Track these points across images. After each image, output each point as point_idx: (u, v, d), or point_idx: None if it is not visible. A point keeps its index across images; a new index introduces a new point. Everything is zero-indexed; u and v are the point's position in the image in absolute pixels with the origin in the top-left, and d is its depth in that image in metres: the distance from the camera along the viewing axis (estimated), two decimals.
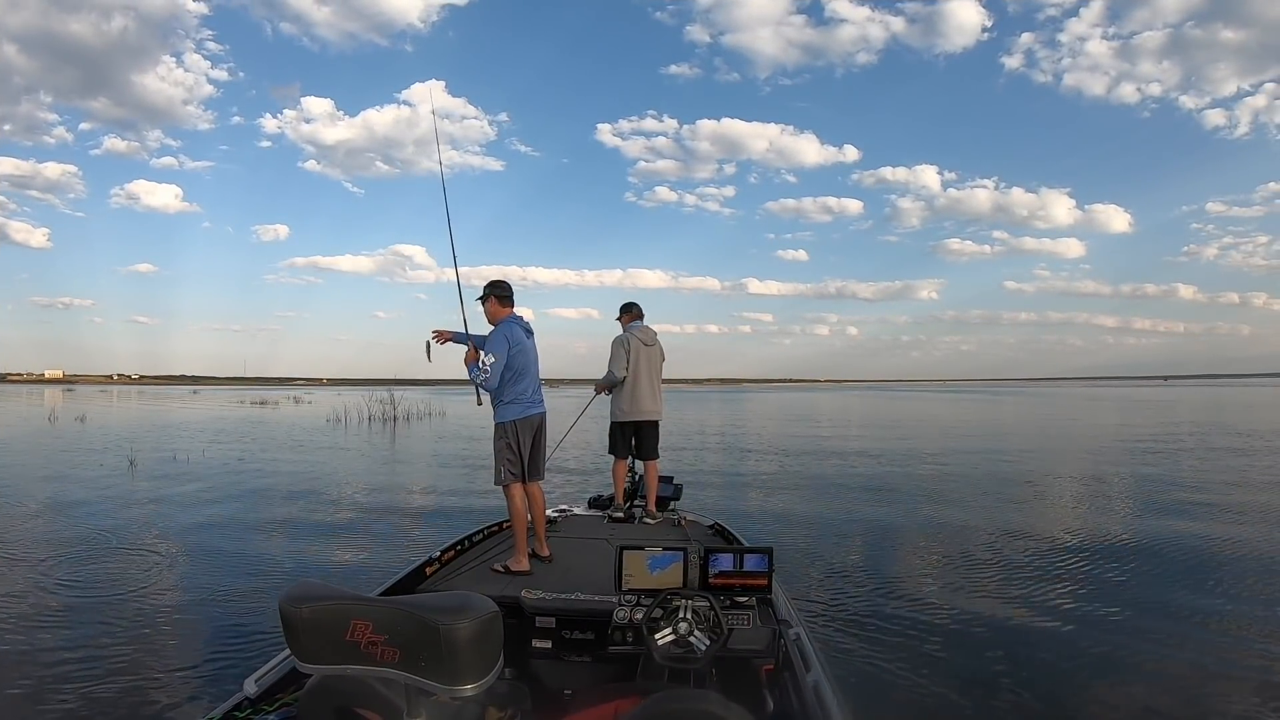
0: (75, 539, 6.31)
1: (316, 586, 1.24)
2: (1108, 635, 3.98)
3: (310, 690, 1.40)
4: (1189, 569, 5.27)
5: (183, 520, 7.20)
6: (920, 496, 8.74)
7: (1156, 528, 6.69)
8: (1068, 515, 7.51)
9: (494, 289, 3.69)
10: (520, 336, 3.62)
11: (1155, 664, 3.62)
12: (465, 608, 1.15)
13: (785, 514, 7.65)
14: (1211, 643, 3.87)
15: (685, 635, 2.15)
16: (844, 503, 8.36)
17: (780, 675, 2.34)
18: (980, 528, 6.83)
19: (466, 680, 1.13)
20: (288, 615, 1.19)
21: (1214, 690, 3.31)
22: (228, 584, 4.95)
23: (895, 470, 11.33)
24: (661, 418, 4.87)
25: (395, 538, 6.64)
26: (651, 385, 4.80)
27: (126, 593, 4.75)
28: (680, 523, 4.43)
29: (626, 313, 4.93)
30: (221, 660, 3.57)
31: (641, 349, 4.76)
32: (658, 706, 1.34)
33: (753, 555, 2.39)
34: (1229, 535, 6.35)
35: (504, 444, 3.59)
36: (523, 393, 3.62)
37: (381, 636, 1.15)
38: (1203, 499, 8.25)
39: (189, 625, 4.15)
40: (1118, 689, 3.35)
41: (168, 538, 6.42)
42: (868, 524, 7.10)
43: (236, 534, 6.64)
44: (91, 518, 7.29)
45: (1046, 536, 6.42)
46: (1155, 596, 4.64)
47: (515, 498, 3.55)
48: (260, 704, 1.87)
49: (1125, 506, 7.96)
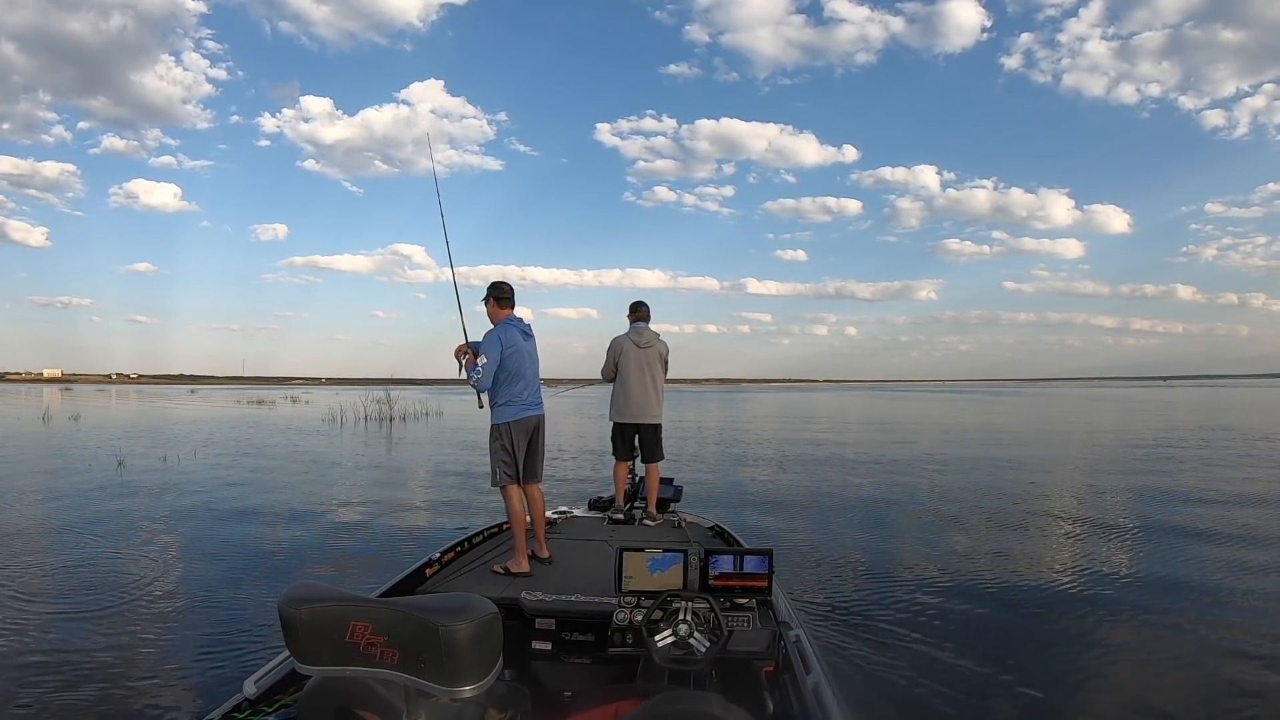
0: (62, 543, 6.29)
1: (316, 588, 1.24)
2: (1108, 637, 3.98)
3: (310, 691, 1.39)
4: (1190, 573, 5.26)
5: (174, 522, 7.19)
6: (920, 498, 8.74)
7: (1158, 532, 6.69)
8: (1068, 516, 7.50)
9: (493, 290, 3.71)
10: (515, 338, 3.62)
11: (1155, 666, 3.62)
12: (465, 609, 1.15)
13: (786, 515, 7.65)
14: (1213, 646, 3.86)
15: (685, 637, 2.15)
16: (844, 504, 8.34)
17: (780, 677, 2.34)
18: (981, 529, 6.84)
19: (466, 681, 1.13)
20: (287, 616, 1.18)
21: (1213, 691, 3.31)
22: (226, 584, 4.94)
23: (895, 471, 11.33)
24: (658, 419, 4.77)
25: (393, 539, 6.63)
26: (643, 387, 4.71)
27: (125, 593, 4.74)
28: (680, 524, 4.43)
29: (633, 312, 4.89)
30: (220, 661, 3.56)
31: (632, 350, 4.71)
32: (658, 708, 1.33)
33: (753, 557, 2.38)
34: (1232, 538, 6.35)
35: (499, 445, 3.60)
36: (518, 394, 3.62)
37: (381, 638, 1.14)
38: (1206, 502, 8.24)
39: (188, 625, 4.14)
40: (1117, 690, 3.35)
41: (158, 539, 6.41)
42: (868, 525, 7.10)
43: (231, 535, 6.63)
44: (79, 518, 7.28)
45: (1047, 537, 6.42)
46: (1155, 599, 4.64)
47: (513, 499, 3.55)
48: (260, 705, 1.86)
49: (1126, 508, 7.95)
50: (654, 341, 4.79)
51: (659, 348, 4.80)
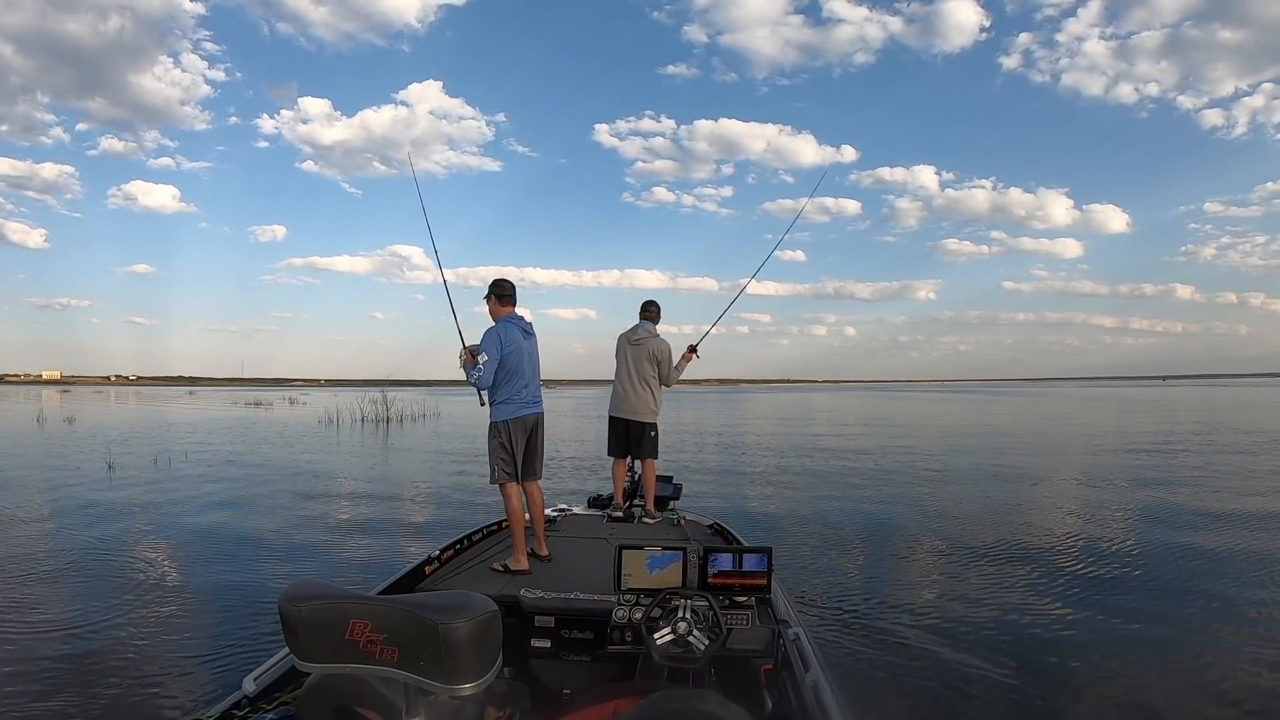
0: (55, 545, 6.30)
1: (316, 585, 1.24)
2: (1107, 636, 3.99)
3: (309, 689, 1.39)
4: (1188, 572, 5.27)
5: (165, 523, 7.19)
6: (920, 498, 8.75)
7: (1156, 532, 6.70)
8: (1066, 516, 7.51)
9: (495, 288, 3.71)
10: (514, 336, 3.62)
11: (1154, 665, 3.62)
12: (464, 607, 1.14)
13: (785, 514, 7.65)
14: (1211, 645, 3.87)
15: (684, 635, 2.15)
16: (844, 503, 8.35)
17: (779, 675, 2.34)
18: (980, 529, 6.84)
19: (466, 679, 1.13)
20: (287, 614, 1.18)
21: (1212, 691, 3.31)
22: (225, 585, 4.94)
23: (895, 471, 11.33)
24: (645, 418, 4.66)
25: (390, 540, 6.63)
26: (631, 385, 4.66)
27: (124, 593, 4.74)
28: (680, 522, 4.43)
29: (642, 312, 4.86)
30: (220, 659, 3.56)
31: (626, 348, 4.71)
32: (657, 706, 1.33)
33: (752, 555, 2.38)
34: (1232, 540, 6.35)
35: (497, 443, 3.61)
36: (517, 392, 3.62)
37: (381, 635, 1.14)
38: (1206, 502, 8.25)
39: (188, 626, 4.14)
40: (1115, 689, 3.35)
41: (152, 539, 6.41)
42: (867, 525, 7.10)
43: (226, 536, 6.63)
44: (72, 519, 7.29)
45: (1046, 537, 6.42)
46: (1153, 599, 4.65)
47: (512, 497, 3.55)
48: (259, 703, 1.86)
49: (1125, 509, 7.96)
50: (645, 339, 4.70)
51: (650, 345, 4.69)
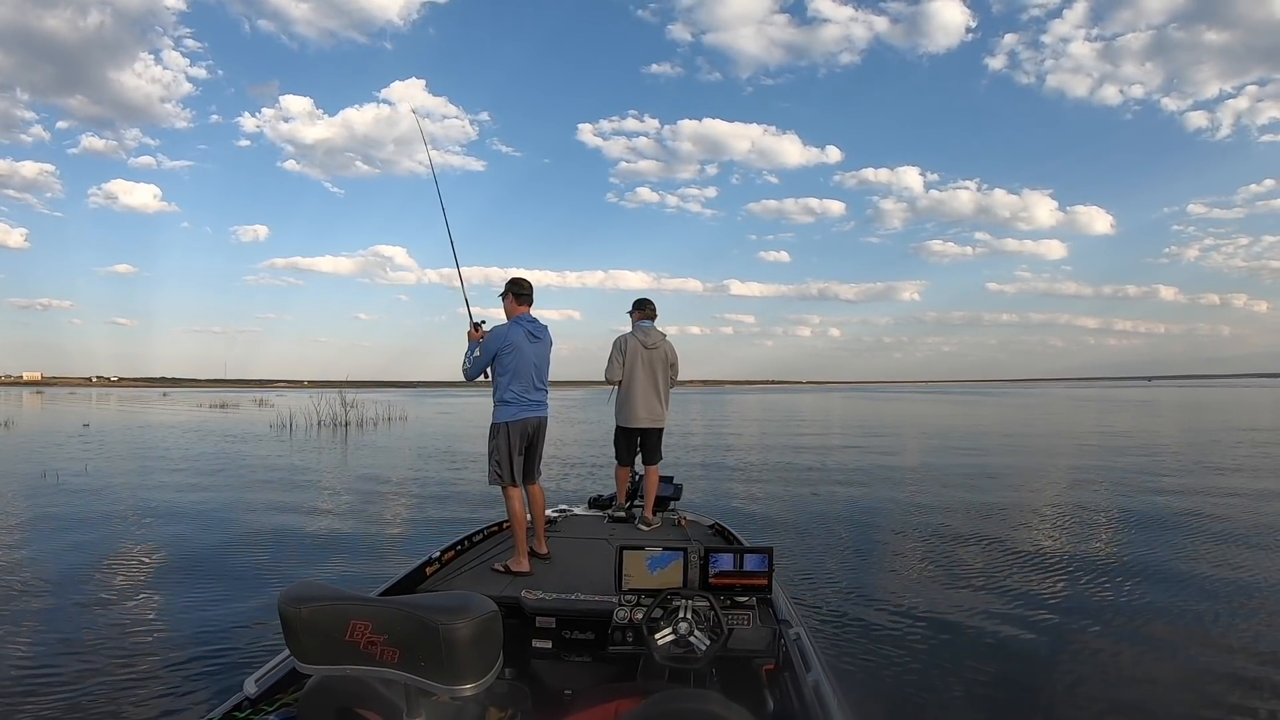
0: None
1: (316, 586, 1.24)
2: (1106, 636, 3.98)
3: (310, 690, 1.39)
4: (1179, 573, 5.26)
5: (153, 526, 7.18)
6: (919, 498, 8.74)
7: (1147, 532, 6.69)
8: (1065, 515, 7.50)
9: (512, 286, 3.73)
10: (517, 337, 3.61)
11: (1151, 665, 3.62)
12: (465, 608, 1.14)
13: (785, 514, 7.65)
14: (1205, 643, 3.86)
15: (685, 635, 2.14)
16: (843, 503, 8.35)
17: (781, 675, 2.33)
18: (980, 529, 6.83)
19: (466, 680, 1.13)
20: (287, 615, 1.18)
21: (1209, 691, 3.31)
22: (223, 586, 4.94)
23: (894, 472, 11.33)
24: (662, 424, 4.57)
25: (383, 544, 6.62)
26: (650, 391, 4.50)
27: (124, 594, 4.75)
28: (680, 522, 4.42)
29: (638, 310, 4.64)
30: (221, 660, 3.56)
31: (640, 352, 4.48)
32: (658, 706, 1.33)
33: (753, 555, 2.38)
34: (1220, 539, 6.35)
35: (496, 445, 3.61)
36: (519, 395, 3.62)
37: (381, 636, 1.14)
38: (1191, 502, 8.24)
39: (188, 625, 4.14)
40: (1115, 689, 3.35)
41: (140, 540, 6.41)
42: (868, 525, 7.09)
43: (219, 537, 6.63)
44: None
45: (1044, 536, 6.42)
46: (1149, 598, 4.64)
47: (513, 498, 3.55)
48: (260, 704, 1.86)
49: (1115, 509, 7.95)
50: (660, 343, 4.55)
51: (665, 349, 4.55)
